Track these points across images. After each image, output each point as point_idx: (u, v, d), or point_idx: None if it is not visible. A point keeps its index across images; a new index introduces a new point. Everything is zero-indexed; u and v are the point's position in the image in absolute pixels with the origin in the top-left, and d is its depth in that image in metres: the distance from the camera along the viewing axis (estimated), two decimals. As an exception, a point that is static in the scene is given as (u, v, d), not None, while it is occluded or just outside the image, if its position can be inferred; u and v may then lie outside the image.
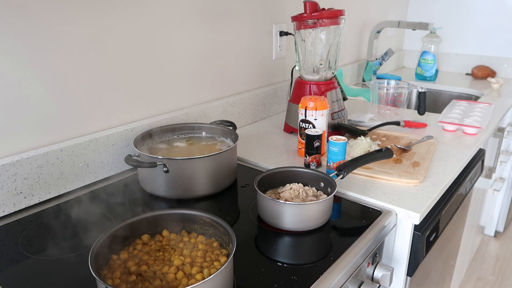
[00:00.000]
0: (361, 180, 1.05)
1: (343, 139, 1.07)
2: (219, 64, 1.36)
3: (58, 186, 0.97)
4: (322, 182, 0.94)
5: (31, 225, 0.87)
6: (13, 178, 0.88)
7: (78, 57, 0.97)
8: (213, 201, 0.98)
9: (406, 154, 1.18)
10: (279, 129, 1.46)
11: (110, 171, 1.07)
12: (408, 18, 2.58)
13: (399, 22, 1.93)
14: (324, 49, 1.34)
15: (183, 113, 1.24)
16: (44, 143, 0.95)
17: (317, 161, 1.11)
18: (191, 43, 1.24)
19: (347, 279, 0.76)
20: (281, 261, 0.76)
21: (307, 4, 1.26)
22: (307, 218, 0.84)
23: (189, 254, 0.69)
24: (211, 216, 0.72)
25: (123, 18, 1.04)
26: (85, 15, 0.96)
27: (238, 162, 1.12)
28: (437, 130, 1.43)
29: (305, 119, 1.18)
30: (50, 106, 0.94)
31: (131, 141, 1.01)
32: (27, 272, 0.73)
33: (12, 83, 0.87)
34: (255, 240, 0.83)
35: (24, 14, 0.86)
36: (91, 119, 1.03)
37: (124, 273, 0.64)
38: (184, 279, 0.63)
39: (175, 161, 0.95)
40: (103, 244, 0.65)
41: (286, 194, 0.90)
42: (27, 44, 0.87)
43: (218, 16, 1.31)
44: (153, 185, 0.98)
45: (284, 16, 1.57)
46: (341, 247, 0.79)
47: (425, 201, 0.94)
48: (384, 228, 0.88)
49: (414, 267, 1.00)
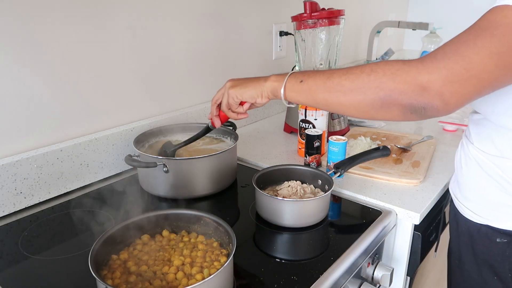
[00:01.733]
0: (361, 180, 1.05)
1: (343, 139, 1.07)
2: (219, 64, 1.36)
3: (58, 186, 0.97)
4: (320, 180, 0.95)
5: (31, 225, 0.87)
6: (13, 178, 0.88)
7: (78, 57, 0.97)
8: (213, 201, 0.98)
9: (406, 154, 1.18)
10: (279, 129, 1.46)
11: (110, 171, 1.07)
12: (408, 18, 2.58)
13: (399, 22, 1.92)
14: (324, 49, 1.34)
15: (183, 113, 1.24)
16: (44, 143, 0.95)
17: (317, 161, 1.11)
18: (191, 43, 1.24)
19: (347, 279, 0.76)
20: (280, 257, 0.76)
21: (307, 4, 1.26)
22: (305, 215, 0.85)
23: (189, 254, 0.69)
24: (211, 216, 0.72)
25: (123, 18, 1.04)
26: (85, 15, 0.96)
27: (238, 162, 1.12)
28: (437, 130, 1.43)
29: (305, 119, 1.18)
30: (50, 106, 0.94)
31: (131, 141, 1.01)
32: (27, 272, 0.73)
33: (12, 83, 0.87)
34: (255, 240, 0.83)
35: (23, 14, 0.86)
36: (91, 119, 1.03)
37: (124, 273, 0.64)
38: (184, 279, 0.63)
39: (175, 161, 0.95)
40: (103, 244, 0.65)
41: (284, 191, 0.91)
42: (27, 45, 0.87)
43: (219, 17, 1.31)
44: (153, 185, 0.98)
45: (284, 16, 1.56)
46: (341, 247, 0.79)
47: (425, 201, 0.94)
48: (384, 228, 0.88)
49: (414, 267, 1.00)
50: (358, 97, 0.63)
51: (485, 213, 0.76)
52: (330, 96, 0.67)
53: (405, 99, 0.59)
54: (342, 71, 0.66)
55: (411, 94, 0.58)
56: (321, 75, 0.69)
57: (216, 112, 0.87)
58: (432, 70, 0.57)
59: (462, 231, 0.82)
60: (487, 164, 0.73)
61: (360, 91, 0.63)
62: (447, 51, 0.57)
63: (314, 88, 0.69)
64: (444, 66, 0.56)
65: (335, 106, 0.68)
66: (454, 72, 0.55)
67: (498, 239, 0.74)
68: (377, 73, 0.61)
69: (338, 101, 0.66)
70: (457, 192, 0.84)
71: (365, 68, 0.63)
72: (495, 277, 0.77)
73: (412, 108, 0.59)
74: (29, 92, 0.90)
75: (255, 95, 0.78)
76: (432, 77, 0.56)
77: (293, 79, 0.73)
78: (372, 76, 0.61)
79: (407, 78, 0.58)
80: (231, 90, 0.80)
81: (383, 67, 0.61)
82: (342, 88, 0.65)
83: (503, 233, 0.73)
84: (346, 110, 0.67)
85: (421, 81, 0.57)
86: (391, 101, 0.60)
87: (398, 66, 0.60)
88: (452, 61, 0.56)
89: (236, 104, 0.82)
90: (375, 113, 0.63)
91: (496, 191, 0.73)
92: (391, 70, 0.60)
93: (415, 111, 0.59)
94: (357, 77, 0.63)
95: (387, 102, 0.61)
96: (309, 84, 0.70)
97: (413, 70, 0.58)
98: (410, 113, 0.60)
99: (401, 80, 0.59)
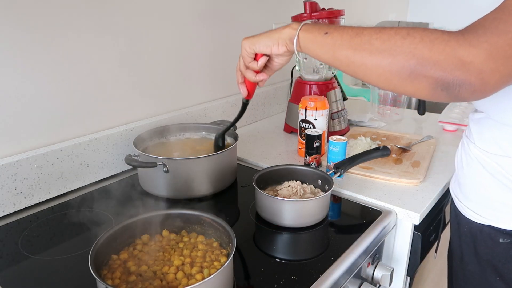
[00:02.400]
0: (361, 180, 1.05)
1: (343, 139, 1.07)
2: (219, 64, 1.36)
3: (58, 186, 0.97)
4: (320, 180, 0.95)
5: (31, 225, 0.87)
6: (13, 178, 0.88)
7: (78, 57, 0.97)
8: (213, 201, 0.98)
9: (406, 154, 1.18)
10: (279, 129, 1.46)
11: (110, 171, 1.07)
12: (408, 18, 2.58)
13: (399, 22, 1.92)
14: (324, 49, 1.34)
15: (183, 113, 1.24)
16: (44, 143, 0.95)
17: (317, 161, 1.11)
18: (191, 43, 1.24)
19: (347, 279, 0.76)
20: (280, 257, 0.76)
21: (307, 4, 1.26)
22: (305, 215, 0.85)
23: (189, 254, 0.69)
24: (211, 216, 0.72)
25: (123, 18, 1.04)
26: (85, 16, 0.96)
27: (238, 162, 1.12)
28: (437, 130, 1.43)
29: (305, 119, 1.18)
30: (50, 106, 0.94)
31: (131, 141, 1.01)
32: (27, 272, 0.73)
33: (12, 83, 0.87)
34: (255, 240, 0.83)
35: (23, 15, 0.86)
36: (91, 119, 1.03)
37: (124, 273, 0.64)
38: (184, 279, 0.63)
39: (175, 161, 0.95)
40: (103, 244, 0.65)
41: (284, 191, 0.91)
42: (27, 45, 0.87)
43: (218, 17, 1.31)
44: (153, 185, 0.98)
45: (284, 16, 1.56)
46: (341, 247, 0.79)
47: (425, 201, 0.94)
48: (384, 228, 0.88)
49: (414, 267, 1.00)
50: (386, 60, 0.57)
51: (488, 214, 0.75)
52: (354, 55, 0.61)
53: (439, 71, 0.53)
54: (375, 29, 0.59)
55: (447, 67, 0.53)
56: (350, 31, 0.62)
57: (241, 79, 0.81)
58: (475, 43, 0.51)
59: (464, 232, 0.82)
60: (489, 163, 0.72)
61: (390, 54, 0.57)
62: (487, 27, 0.52)
63: (339, 43, 0.62)
64: (486, 40, 0.51)
65: (356, 67, 0.62)
66: (498, 47, 0.51)
67: (501, 239, 0.74)
68: (414, 37, 0.55)
69: (361, 61, 0.60)
70: (458, 193, 0.83)
71: (401, 31, 0.57)
72: (498, 278, 0.76)
73: (444, 84, 0.54)
74: (29, 92, 0.90)
75: (270, 43, 0.71)
76: (474, 51, 0.51)
77: (316, 30, 0.66)
78: (407, 40, 0.55)
79: (446, 48, 0.53)
80: (244, 41, 0.73)
81: (421, 33, 0.55)
82: (370, 47, 0.58)
83: (506, 233, 0.73)
84: (367, 73, 0.61)
85: (461, 54, 0.52)
86: (422, 71, 0.54)
87: (438, 35, 0.54)
88: (495, 35, 0.51)
89: (250, 58, 0.74)
90: (399, 83, 0.58)
91: (499, 190, 0.72)
92: (430, 38, 0.54)
93: (448, 88, 0.54)
94: (389, 38, 0.57)
95: (417, 72, 0.55)
96: (334, 37, 0.63)
97: (453, 41, 0.53)
98: (440, 90, 0.55)
99: (438, 49, 0.53)
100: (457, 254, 0.86)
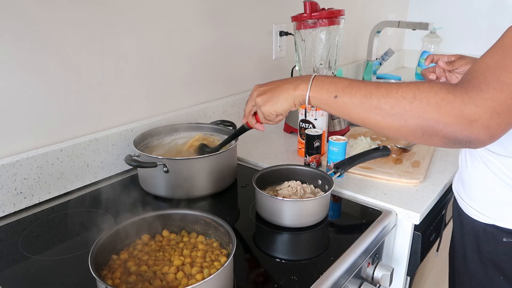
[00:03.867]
0: (361, 180, 1.05)
1: (343, 139, 1.07)
2: (219, 64, 1.36)
3: (58, 186, 0.97)
4: (320, 180, 0.95)
5: (31, 225, 0.87)
6: (13, 178, 0.88)
7: (78, 58, 0.97)
8: (213, 201, 0.98)
9: (406, 154, 1.18)
10: (279, 129, 1.46)
11: (110, 171, 1.07)
12: (408, 18, 2.58)
13: (399, 22, 1.92)
14: (324, 49, 1.34)
15: (183, 113, 1.24)
16: (44, 143, 0.95)
17: (317, 161, 1.11)
18: (191, 44, 1.24)
19: (347, 279, 0.76)
20: (280, 257, 0.76)
21: (307, 4, 1.26)
22: (305, 215, 0.85)
23: (189, 254, 0.69)
24: (211, 216, 0.72)
25: (123, 18, 1.04)
26: (85, 16, 0.96)
27: (238, 162, 1.12)
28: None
29: (305, 119, 1.18)
30: (50, 106, 0.94)
31: (131, 141, 1.01)
32: (27, 272, 0.73)
33: (12, 83, 0.87)
34: (255, 240, 0.83)
35: (24, 16, 0.86)
36: (91, 119, 1.03)
37: (124, 273, 0.64)
38: (184, 279, 0.63)
39: (175, 161, 0.95)
40: (103, 244, 0.65)
41: (284, 191, 0.91)
42: (27, 45, 0.87)
43: (218, 17, 1.31)
44: (153, 185, 0.98)
45: (284, 16, 1.56)
46: (341, 247, 0.79)
47: (425, 201, 0.94)
48: (384, 228, 0.88)
49: (414, 267, 1.00)
50: (398, 123, 0.60)
51: (491, 213, 0.76)
52: (368, 117, 0.64)
53: (450, 131, 0.56)
54: (381, 91, 0.62)
55: (457, 127, 0.55)
56: (357, 92, 0.65)
57: (253, 121, 0.85)
58: (479, 102, 0.54)
59: (467, 231, 0.82)
60: (494, 164, 0.73)
61: (401, 118, 0.60)
62: (490, 80, 0.54)
63: (350, 106, 0.66)
64: (490, 97, 0.53)
65: (372, 126, 0.65)
66: (501, 103, 0.53)
67: (505, 238, 0.74)
68: (421, 101, 0.58)
69: (376, 123, 0.64)
70: (462, 192, 0.83)
71: (407, 93, 0.59)
72: (501, 277, 0.77)
73: (455, 140, 0.57)
74: (30, 92, 0.90)
75: (289, 107, 0.76)
76: (479, 110, 0.54)
77: (326, 94, 0.69)
78: (415, 104, 0.58)
79: (452, 110, 0.55)
80: (264, 108, 0.77)
81: (427, 95, 0.57)
82: (381, 111, 0.62)
83: (510, 232, 0.73)
84: (383, 131, 0.64)
85: (468, 114, 0.54)
86: (434, 132, 0.57)
87: (443, 95, 0.56)
88: (498, 90, 0.53)
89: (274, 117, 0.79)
90: (415, 139, 0.61)
91: (502, 190, 0.73)
92: (436, 100, 0.56)
93: (459, 143, 0.57)
94: (397, 103, 0.60)
95: (430, 132, 0.58)
96: (344, 101, 0.66)
97: (459, 101, 0.55)
98: (452, 144, 0.58)
99: (446, 111, 0.55)
100: (460, 252, 0.86)
